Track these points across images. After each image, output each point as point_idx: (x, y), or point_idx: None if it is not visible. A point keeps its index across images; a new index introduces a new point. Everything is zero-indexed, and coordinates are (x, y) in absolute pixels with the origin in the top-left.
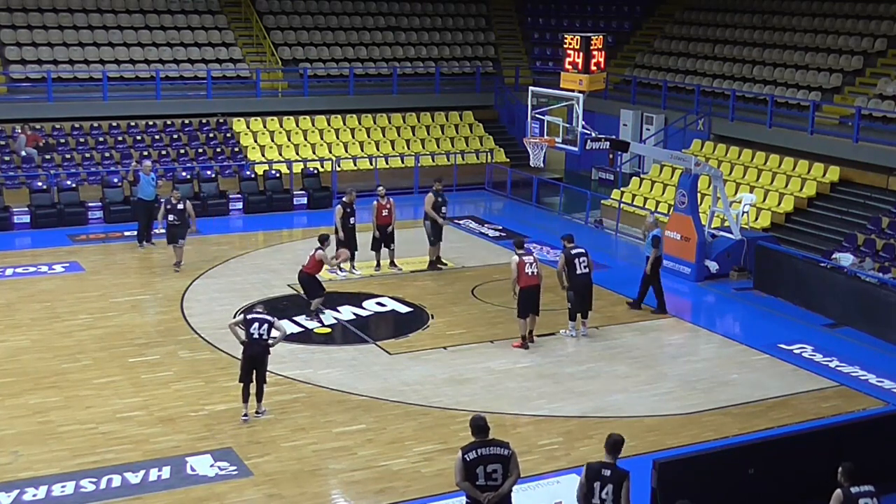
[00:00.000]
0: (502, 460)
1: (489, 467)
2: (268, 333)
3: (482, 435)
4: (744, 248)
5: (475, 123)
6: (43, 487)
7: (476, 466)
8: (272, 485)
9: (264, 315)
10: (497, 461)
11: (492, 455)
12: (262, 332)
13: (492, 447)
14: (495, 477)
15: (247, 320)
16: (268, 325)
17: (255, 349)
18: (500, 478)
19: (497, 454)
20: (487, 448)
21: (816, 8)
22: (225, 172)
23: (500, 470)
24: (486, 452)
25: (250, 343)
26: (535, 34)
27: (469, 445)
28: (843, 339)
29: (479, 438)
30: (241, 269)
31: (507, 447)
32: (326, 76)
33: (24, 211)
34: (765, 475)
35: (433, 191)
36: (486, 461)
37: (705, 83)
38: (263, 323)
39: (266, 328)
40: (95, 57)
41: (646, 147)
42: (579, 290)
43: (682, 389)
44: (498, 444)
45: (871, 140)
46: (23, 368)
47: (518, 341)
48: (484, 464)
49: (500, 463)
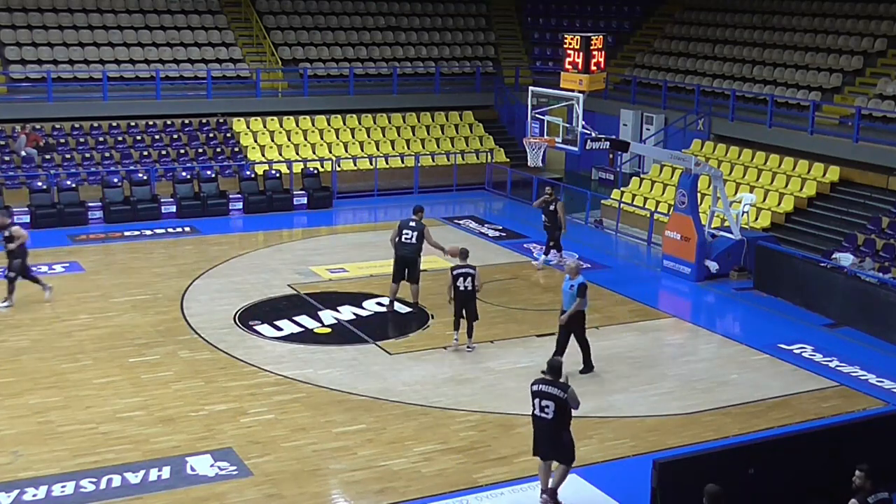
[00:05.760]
0: (556, 400)
1: (543, 402)
2: (472, 284)
3: (552, 375)
4: (744, 248)
5: (475, 123)
6: (43, 487)
7: (534, 397)
8: (272, 485)
9: (468, 269)
10: (550, 399)
11: (548, 393)
12: (466, 285)
13: (551, 387)
14: (547, 412)
15: (454, 276)
16: (471, 277)
17: (464, 296)
18: (552, 413)
19: (552, 394)
20: (548, 386)
21: (816, 8)
22: (225, 172)
23: (552, 406)
24: (546, 390)
25: (457, 292)
26: (535, 34)
27: (537, 379)
28: (843, 339)
29: (548, 377)
30: (241, 269)
31: (566, 391)
32: (326, 76)
33: (24, 211)
34: (765, 475)
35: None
36: (542, 396)
37: (705, 83)
38: (467, 277)
39: (470, 280)
40: (95, 57)
41: (646, 147)
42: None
43: (682, 389)
44: (557, 385)
45: (871, 140)
46: (23, 368)
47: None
48: (540, 398)
49: (553, 401)
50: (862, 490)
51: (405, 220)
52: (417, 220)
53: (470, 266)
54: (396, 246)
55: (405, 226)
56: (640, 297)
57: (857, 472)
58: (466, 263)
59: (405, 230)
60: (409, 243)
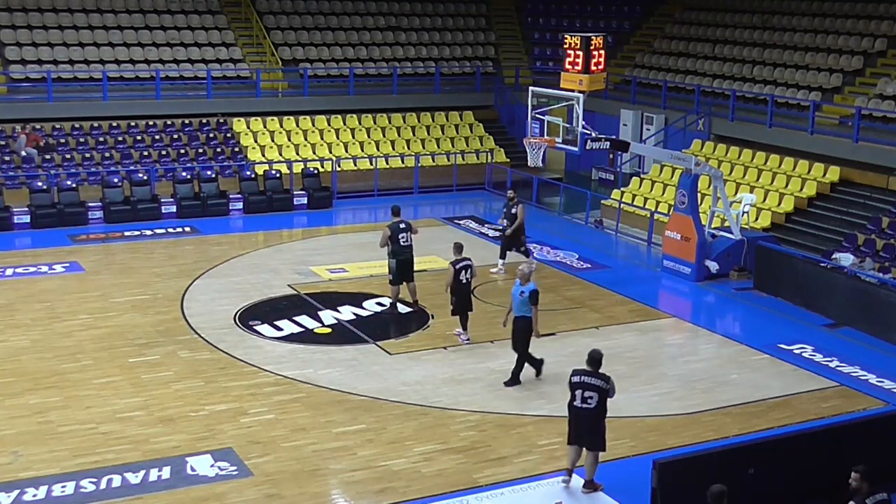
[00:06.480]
0: (599, 390)
1: (586, 393)
2: (471, 274)
3: (593, 366)
4: (744, 248)
5: (475, 123)
6: (43, 487)
7: (576, 389)
8: (272, 485)
9: (467, 260)
10: (594, 390)
11: (591, 385)
12: (468, 277)
13: (594, 378)
14: (590, 402)
15: (457, 269)
16: (471, 268)
17: (466, 288)
18: (595, 403)
19: (596, 385)
20: (591, 378)
21: (816, 8)
22: (225, 172)
23: (595, 397)
24: (589, 381)
25: (459, 285)
26: (535, 34)
27: (577, 370)
28: (843, 339)
29: (590, 368)
30: (242, 269)
31: (608, 381)
32: (326, 76)
33: (24, 211)
34: (765, 475)
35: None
36: (585, 387)
37: (705, 83)
38: (468, 269)
39: (470, 272)
40: (95, 57)
41: (646, 147)
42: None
43: (683, 389)
44: (600, 377)
45: (871, 140)
46: (23, 368)
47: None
48: (583, 389)
49: (596, 392)
50: (859, 492)
51: (395, 225)
52: (406, 221)
53: (468, 258)
54: (396, 251)
55: (398, 230)
56: (640, 297)
57: (852, 473)
58: (465, 256)
59: (401, 234)
60: (409, 245)
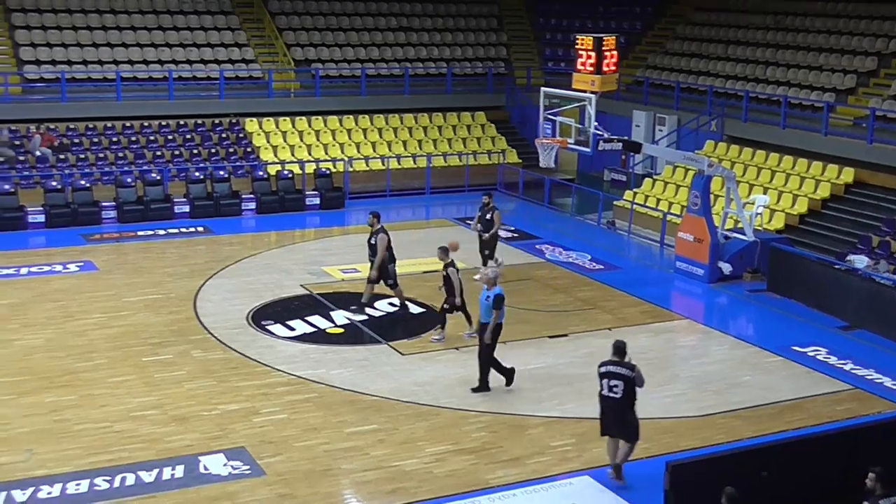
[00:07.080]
0: (625, 379)
1: (612, 382)
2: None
3: (618, 356)
4: (757, 249)
5: (487, 124)
6: (57, 485)
7: (602, 378)
8: (284, 484)
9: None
10: (619, 379)
11: (617, 374)
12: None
13: (619, 367)
14: (616, 391)
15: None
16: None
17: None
18: (620, 392)
19: (620, 373)
20: (616, 367)
21: (830, 9)
22: (237, 173)
23: (620, 386)
24: (615, 370)
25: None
26: (547, 35)
27: (604, 361)
28: (857, 341)
29: (615, 358)
30: (254, 269)
31: (633, 370)
32: (338, 77)
33: (38, 210)
34: (778, 478)
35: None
36: (610, 377)
37: (718, 84)
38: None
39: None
40: (109, 57)
41: (658, 148)
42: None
43: (695, 391)
44: (625, 366)
45: (886, 141)
46: (37, 367)
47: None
48: (608, 378)
49: (622, 380)
50: (873, 493)
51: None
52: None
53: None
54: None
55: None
56: (652, 299)
57: (869, 473)
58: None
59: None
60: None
